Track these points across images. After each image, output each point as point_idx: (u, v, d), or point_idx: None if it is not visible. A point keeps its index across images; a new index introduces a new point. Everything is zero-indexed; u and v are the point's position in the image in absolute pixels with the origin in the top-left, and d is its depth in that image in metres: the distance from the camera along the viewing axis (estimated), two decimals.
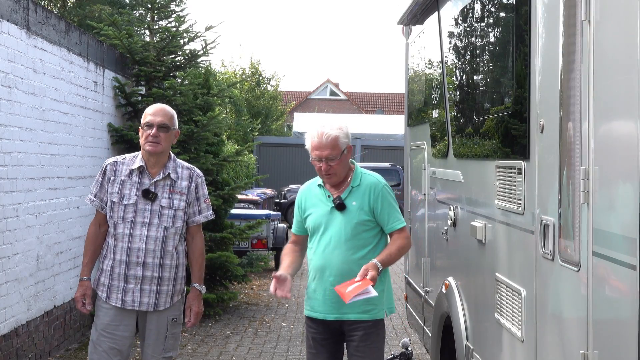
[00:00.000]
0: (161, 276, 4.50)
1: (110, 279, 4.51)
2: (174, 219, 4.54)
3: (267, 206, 17.30)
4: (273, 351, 7.90)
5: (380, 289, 4.22)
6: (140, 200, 4.49)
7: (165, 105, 4.74)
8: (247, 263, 11.79)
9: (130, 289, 4.48)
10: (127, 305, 4.49)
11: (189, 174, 4.63)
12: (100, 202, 4.58)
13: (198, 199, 4.64)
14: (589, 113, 2.80)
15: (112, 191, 4.53)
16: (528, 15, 3.48)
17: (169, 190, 4.55)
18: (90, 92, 8.38)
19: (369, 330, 4.23)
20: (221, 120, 10.49)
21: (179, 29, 9.98)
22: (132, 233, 4.48)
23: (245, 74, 35.35)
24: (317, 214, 4.31)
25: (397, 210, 4.33)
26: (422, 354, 7.56)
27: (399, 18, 6.92)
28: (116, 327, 4.50)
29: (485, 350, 4.22)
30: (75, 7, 20.65)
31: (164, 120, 4.55)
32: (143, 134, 4.53)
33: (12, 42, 6.42)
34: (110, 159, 4.66)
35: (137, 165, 4.54)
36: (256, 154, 25.41)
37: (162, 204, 4.51)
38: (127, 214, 4.49)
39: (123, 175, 4.54)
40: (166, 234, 4.51)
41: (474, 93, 4.63)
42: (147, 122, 4.52)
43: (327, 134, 4.21)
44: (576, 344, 2.89)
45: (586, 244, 2.81)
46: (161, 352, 4.57)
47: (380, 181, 4.33)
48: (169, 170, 4.56)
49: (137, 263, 4.47)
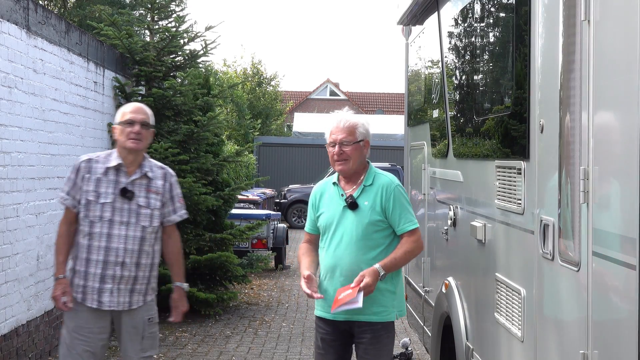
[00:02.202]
0: (136, 275, 4.45)
1: (85, 280, 4.40)
2: (152, 219, 4.49)
3: (267, 206, 17.31)
4: (273, 351, 7.90)
5: (391, 291, 4.19)
6: (117, 199, 4.42)
7: (139, 104, 4.69)
8: (247, 263, 11.80)
9: (107, 289, 4.39)
10: (104, 305, 4.40)
11: (162, 174, 4.60)
12: (73, 200, 4.45)
13: (172, 198, 4.61)
14: (588, 113, 2.80)
15: (88, 189, 4.42)
16: (528, 15, 3.49)
17: (145, 190, 4.49)
18: (91, 92, 8.38)
19: (379, 332, 4.18)
20: (221, 121, 10.49)
21: (179, 29, 9.98)
22: (110, 232, 4.39)
23: (246, 74, 35.35)
24: (329, 213, 4.28)
25: (410, 212, 4.24)
26: (422, 353, 7.56)
27: (399, 18, 6.93)
28: (90, 329, 4.42)
29: (485, 350, 4.22)
30: (75, 7, 20.66)
31: (145, 118, 4.51)
32: (123, 131, 4.44)
33: (13, 42, 6.42)
34: (84, 156, 4.54)
35: (115, 163, 4.45)
36: (256, 154, 25.40)
37: (139, 203, 4.46)
38: (105, 213, 4.40)
39: (99, 173, 4.44)
40: (144, 234, 4.46)
41: (473, 93, 4.63)
42: (128, 120, 4.45)
43: (347, 120, 4.25)
44: (576, 344, 2.89)
45: (586, 244, 2.81)
46: (139, 352, 4.51)
47: (393, 181, 4.25)
48: (146, 169, 4.51)
49: (116, 263, 4.39)
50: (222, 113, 15.44)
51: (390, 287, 4.20)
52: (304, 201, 22.82)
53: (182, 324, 8.94)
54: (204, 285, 9.59)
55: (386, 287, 4.16)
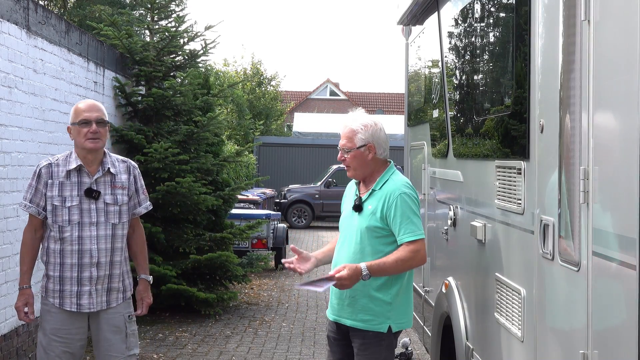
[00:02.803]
0: (112, 274, 4.42)
1: (61, 284, 4.37)
2: (120, 215, 4.46)
3: (267, 206, 17.31)
4: (273, 351, 7.90)
5: (385, 302, 4.02)
6: (83, 200, 4.38)
7: (93, 99, 4.65)
8: (247, 263, 11.79)
9: (85, 292, 4.37)
10: (84, 308, 4.37)
11: (126, 167, 4.55)
12: (37, 208, 4.38)
13: (137, 190, 4.58)
14: (588, 113, 2.80)
15: (52, 195, 4.36)
16: (528, 15, 3.49)
17: (110, 186, 4.45)
18: (91, 92, 8.38)
19: (370, 340, 4.05)
20: (221, 121, 10.49)
21: (179, 29, 9.99)
22: (82, 235, 4.36)
23: (246, 74, 35.35)
24: (344, 212, 4.27)
25: (413, 222, 3.98)
26: (422, 353, 7.56)
27: (399, 18, 6.93)
28: (68, 331, 4.38)
29: (485, 350, 4.22)
30: (75, 8, 20.65)
31: (100, 115, 4.43)
32: (80, 131, 4.37)
33: (13, 42, 6.42)
34: (43, 161, 4.46)
35: (75, 165, 4.39)
36: (256, 154, 25.40)
37: (106, 201, 4.42)
38: (73, 216, 4.36)
39: (61, 177, 4.37)
40: (114, 231, 4.44)
41: (473, 93, 4.63)
42: (83, 119, 4.37)
43: (347, 125, 4.14)
44: (576, 343, 2.89)
45: (586, 244, 2.81)
46: (125, 350, 4.47)
47: (399, 188, 4.04)
48: (107, 165, 4.46)
49: (91, 264, 4.36)
50: (222, 113, 15.42)
51: (385, 297, 4.02)
52: (304, 201, 22.84)
53: (182, 324, 8.94)
54: (204, 285, 9.59)
55: (380, 296, 4.02)
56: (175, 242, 9.34)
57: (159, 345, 8.01)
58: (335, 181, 22.90)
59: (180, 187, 8.97)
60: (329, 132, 28.90)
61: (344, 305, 4.10)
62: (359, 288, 4.00)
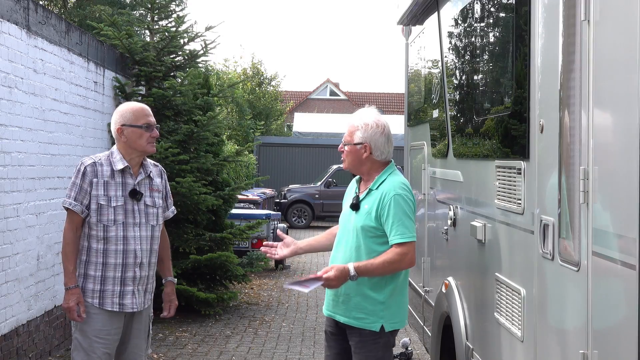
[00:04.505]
0: (149, 275, 4.50)
1: (102, 284, 4.37)
2: (158, 217, 4.55)
3: (267, 206, 17.31)
4: (273, 351, 7.90)
5: (378, 301, 4.03)
6: (127, 200, 4.42)
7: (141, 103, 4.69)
8: (247, 263, 11.79)
9: (128, 292, 4.40)
10: (127, 308, 4.40)
11: (158, 171, 4.65)
12: (81, 206, 4.36)
13: (167, 194, 4.68)
14: (588, 113, 2.80)
15: (97, 193, 4.36)
16: (528, 15, 3.49)
17: (149, 189, 4.52)
18: (91, 92, 8.38)
19: (365, 338, 4.05)
20: (221, 120, 10.49)
21: (179, 29, 9.98)
22: (126, 235, 4.39)
23: (246, 74, 35.35)
24: (344, 210, 4.29)
25: (404, 225, 3.95)
26: (422, 353, 7.56)
27: (399, 18, 6.93)
28: (108, 332, 4.40)
29: (485, 350, 4.22)
30: (75, 8, 20.65)
31: (154, 120, 4.58)
32: (142, 134, 4.42)
33: (13, 42, 6.42)
34: (86, 159, 4.44)
35: (122, 165, 4.42)
36: (256, 154, 25.39)
37: (146, 203, 4.48)
38: (118, 216, 4.39)
39: (105, 177, 4.39)
40: (153, 233, 4.51)
41: (473, 93, 4.63)
42: (147, 123, 4.45)
43: (350, 121, 4.22)
44: (576, 343, 2.89)
45: (586, 243, 2.81)
46: (145, 350, 4.57)
47: (394, 188, 4.02)
48: (150, 169, 4.55)
49: (135, 264, 4.40)
50: (222, 113, 15.42)
51: (378, 296, 4.02)
52: (304, 201, 22.85)
53: (182, 324, 8.94)
54: (204, 285, 9.60)
55: (373, 295, 4.03)
56: (176, 242, 9.34)
57: (159, 345, 8.01)
58: (335, 181, 22.91)
59: (180, 187, 8.97)
60: (329, 132, 28.92)
61: (338, 302, 4.12)
62: (353, 286, 4.02)
